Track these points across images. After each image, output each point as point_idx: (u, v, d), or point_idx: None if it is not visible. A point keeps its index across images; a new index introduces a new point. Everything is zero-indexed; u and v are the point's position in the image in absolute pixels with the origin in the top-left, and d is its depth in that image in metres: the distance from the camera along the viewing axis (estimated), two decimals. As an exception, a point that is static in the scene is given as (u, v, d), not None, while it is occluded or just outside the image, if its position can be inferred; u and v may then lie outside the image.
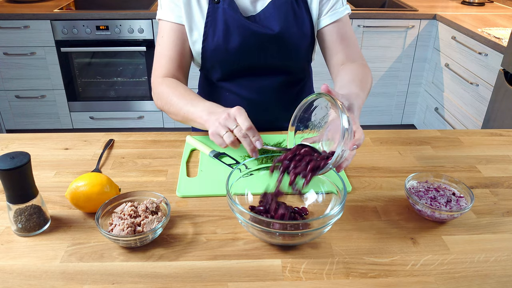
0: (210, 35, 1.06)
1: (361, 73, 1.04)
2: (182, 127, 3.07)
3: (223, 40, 1.05)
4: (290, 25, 1.07)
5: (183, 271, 0.71)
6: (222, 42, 1.05)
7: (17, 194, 0.75)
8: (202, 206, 0.87)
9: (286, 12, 1.06)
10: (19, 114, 2.98)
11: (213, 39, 1.06)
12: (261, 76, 1.14)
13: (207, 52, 1.08)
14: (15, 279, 0.69)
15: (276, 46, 1.08)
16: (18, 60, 2.78)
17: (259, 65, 1.11)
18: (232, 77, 1.14)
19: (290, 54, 1.11)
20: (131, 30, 2.69)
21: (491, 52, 2.20)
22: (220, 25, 1.05)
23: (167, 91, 1.03)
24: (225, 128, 0.84)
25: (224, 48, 1.06)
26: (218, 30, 1.05)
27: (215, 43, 1.06)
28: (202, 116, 0.91)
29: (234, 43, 1.05)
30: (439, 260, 0.74)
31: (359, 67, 1.06)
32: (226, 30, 1.04)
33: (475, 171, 1.02)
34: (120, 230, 0.75)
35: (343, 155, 0.73)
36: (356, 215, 0.85)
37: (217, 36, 1.05)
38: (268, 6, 1.06)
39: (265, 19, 1.06)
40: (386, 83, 3.00)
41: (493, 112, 2.16)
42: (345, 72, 1.04)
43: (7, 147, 1.08)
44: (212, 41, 1.06)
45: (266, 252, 0.75)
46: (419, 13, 2.74)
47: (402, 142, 1.13)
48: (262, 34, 1.05)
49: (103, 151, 1.04)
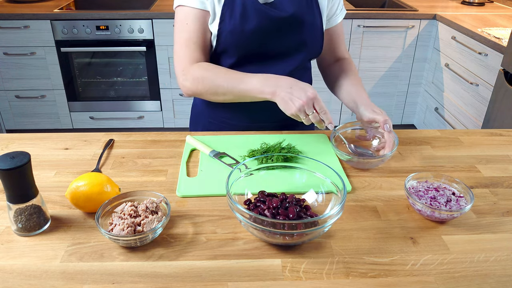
0: (227, 17, 1.07)
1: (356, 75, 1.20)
2: (182, 127, 3.07)
3: (239, 22, 1.07)
4: (303, 11, 1.11)
5: (183, 271, 0.71)
6: (238, 24, 1.07)
7: (17, 194, 0.75)
8: (202, 206, 0.87)
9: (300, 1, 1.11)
10: (19, 114, 2.98)
11: (230, 21, 1.07)
12: (271, 63, 1.15)
13: (223, 33, 1.09)
14: (15, 279, 0.69)
15: (290, 29, 1.11)
16: (18, 60, 2.78)
17: (272, 50, 1.14)
18: (242, 63, 1.15)
19: (303, 40, 1.14)
20: (131, 30, 2.70)
21: (491, 52, 2.20)
22: (237, 7, 1.06)
23: (208, 75, 1.06)
24: (303, 114, 0.95)
25: (241, 30, 1.07)
26: (235, 12, 1.07)
27: (232, 25, 1.07)
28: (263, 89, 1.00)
29: (251, 25, 1.07)
30: (439, 260, 0.74)
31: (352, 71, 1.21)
32: (243, 12, 1.06)
33: (475, 171, 1.02)
34: (120, 230, 0.75)
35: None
36: (356, 215, 0.85)
37: (234, 18, 1.07)
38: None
39: (280, 5, 1.10)
40: (386, 83, 3.00)
41: (493, 112, 2.16)
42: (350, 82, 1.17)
43: (7, 147, 1.08)
44: (229, 23, 1.07)
45: (266, 252, 0.75)
46: (419, 13, 2.74)
47: (402, 142, 1.13)
48: (278, 17, 1.08)
49: (103, 151, 1.04)
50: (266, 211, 0.78)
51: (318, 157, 1.03)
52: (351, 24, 2.75)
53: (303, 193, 0.87)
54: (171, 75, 2.88)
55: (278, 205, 0.79)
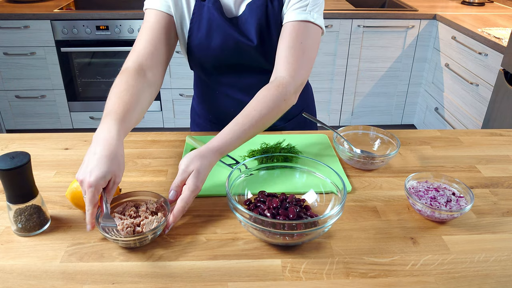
0: (195, 31, 1.06)
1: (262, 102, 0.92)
2: (182, 127, 3.07)
3: (205, 37, 1.06)
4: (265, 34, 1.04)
5: (183, 271, 0.71)
6: (204, 39, 1.06)
7: (17, 194, 0.75)
8: (202, 206, 0.87)
9: (261, 17, 1.03)
10: (19, 114, 2.98)
11: (197, 35, 1.06)
12: (247, 74, 1.14)
13: (192, 47, 1.08)
14: (15, 279, 0.69)
15: (255, 54, 1.07)
16: (18, 60, 2.78)
17: (242, 63, 1.11)
18: (216, 73, 1.14)
19: (269, 59, 1.07)
20: (131, 30, 2.69)
21: (491, 52, 2.20)
22: (204, 22, 1.05)
23: (114, 87, 0.92)
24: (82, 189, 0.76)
25: (206, 45, 1.06)
26: (202, 27, 1.05)
27: (199, 39, 1.06)
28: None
29: (216, 42, 1.05)
30: (439, 260, 0.74)
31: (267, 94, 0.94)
32: (209, 28, 1.05)
33: (475, 171, 1.02)
34: (119, 230, 0.75)
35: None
36: (356, 215, 0.85)
37: (200, 32, 1.06)
38: (245, 11, 1.05)
39: (244, 24, 1.05)
40: (386, 83, 3.00)
41: (493, 112, 2.16)
42: (256, 99, 0.93)
43: (7, 147, 1.08)
44: (196, 37, 1.07)
45: (266, 252, 0.75)
46: (419, 13, 2.74)
47: (402, 142, 1.13)
48: (241, 42, 1.05)
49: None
50: (266, 211, 0.78)
51: (318, 157, 1.03)
52: (351, 24, 2.75)
53: (303, 193, 0.87)
54: (171, 75, 2.88)
55: (278, 205, 0.79)
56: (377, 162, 0.99)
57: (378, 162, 0.99)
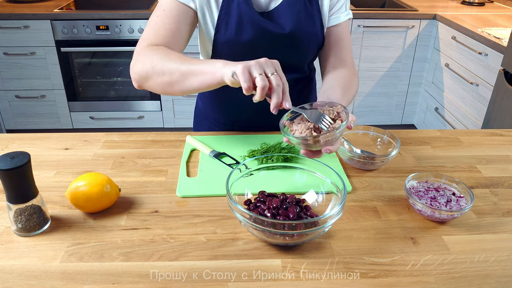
0: (223, 28, 1.05)
1: (348, 80, 1.07)
2: (182, 127, 3.07)
3: (235, 34, 1.05)
4: (302, 24, 1.07)
5: (183, 271, 0.71)
6: (234, 35, 1.05)
7: (17, 194, 0.75)
8: (202, 206, 0.87)
9: (299, 10, 1.07)
10: (19, 114, 2.98)
11: (225, 33, 1.06)
12: None
13: (218, 44, 1.08)
14: (15, 279, 0.69)
15: (287, 45, 1.08)
16: (18, 60, 2.78)
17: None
18: None
19: (300, 53, 1.12)
20: (131, 30, 2.69)
21: (491, 52, 2.20)
22: (233, 19, 1.04)
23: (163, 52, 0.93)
24: (260, 69, 0.75)
25: (236, 41, 1.06)
26: (231, 24, 1.04)
27: (227, 36, 1.06)
28: (215, 67, 0.83)
29: (246, 37, 1.05)
30: (439, 260, 0.74)
31: (347, 75, 1.09)
32: (239, 24, 1.04)
33: (475, 171, 1.02)
34: (299, 133, 0.80)
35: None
36: (356, 215, 0.85)
37: (229, 30, 1.05)
38: (282, 4, 1.06)
39: (278, 17, 1.07)
40: (386, 83, 3.00)
41: (493, 112, 2.16)
42: (333, 77, 1.07)
43: (7, 147, 1.08)
44: (224, 35, 1.06)
45: (266, 252, 0.75)
46: (419, 13, 2.74)
47: (402, 142, 1.13)
48: (274, 33, 1.06)
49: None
50: (266, 212, 0.78)
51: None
52: (351, 24, 2.75)
53: (303, 193, 0.87)
54: (171, 75, 2.87)
55: (278, 206, 0.79)
56: (377, 162, 0.99)
57: (378, 162, 0.99)
